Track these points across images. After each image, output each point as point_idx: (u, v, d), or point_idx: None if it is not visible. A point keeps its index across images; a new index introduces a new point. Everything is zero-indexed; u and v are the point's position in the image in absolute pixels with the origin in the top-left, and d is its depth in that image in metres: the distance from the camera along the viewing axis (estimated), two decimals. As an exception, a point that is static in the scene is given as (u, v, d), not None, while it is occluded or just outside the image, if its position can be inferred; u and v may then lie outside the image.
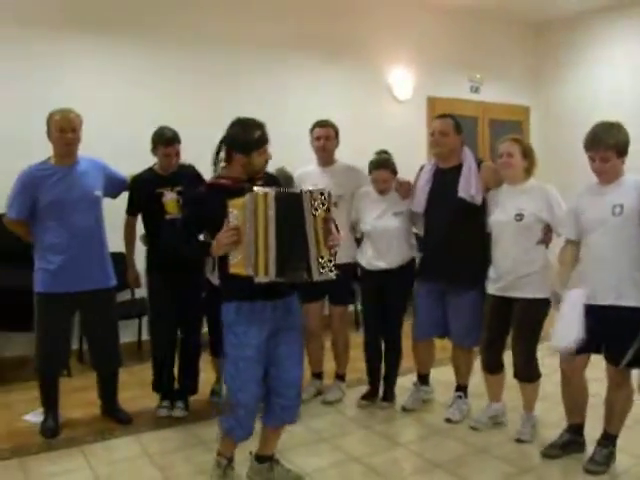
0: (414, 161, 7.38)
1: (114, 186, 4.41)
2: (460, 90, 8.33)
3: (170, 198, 4.31)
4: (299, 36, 6.99)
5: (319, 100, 7.10)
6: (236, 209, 2.99)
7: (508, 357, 4.13)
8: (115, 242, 4.52)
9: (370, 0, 7.48)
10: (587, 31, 8.35)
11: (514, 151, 3.96)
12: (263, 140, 3.32)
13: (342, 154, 5.02)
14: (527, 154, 3.98)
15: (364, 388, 4.83)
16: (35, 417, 4.38)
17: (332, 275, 3.05)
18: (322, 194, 3.02)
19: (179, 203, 4.28)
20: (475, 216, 4.16)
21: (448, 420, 4.41)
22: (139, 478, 3.65)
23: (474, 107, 8.36)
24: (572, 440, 3.83)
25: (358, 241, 4.82)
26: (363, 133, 6.92)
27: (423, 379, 4.76)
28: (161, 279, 4.47)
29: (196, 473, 3.70)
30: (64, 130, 4.01)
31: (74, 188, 4.08)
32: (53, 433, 4.17)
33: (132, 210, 4.53)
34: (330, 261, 3.04)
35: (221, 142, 3.36)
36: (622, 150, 3.45)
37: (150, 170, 4.48)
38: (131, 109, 5.94)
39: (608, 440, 3.66)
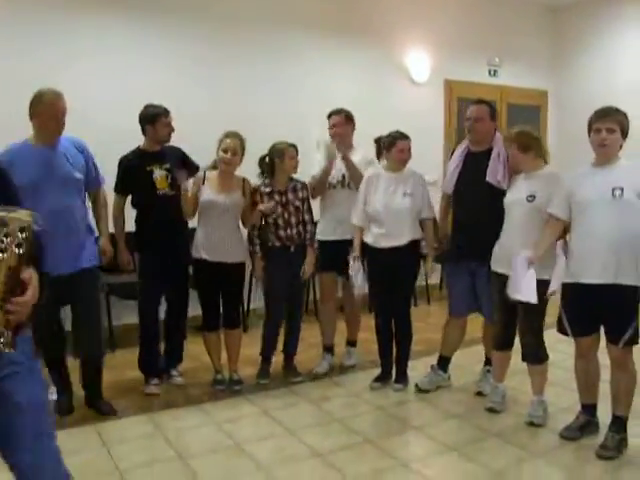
0: (431, 144, 7.47)
1: (88, 180, 4.18)
2: (478, 73, 8.26)
3: (160, 175, 4.55)
4: (315, 17, 6.94)
5: (335, 82, 7.08)
6: None
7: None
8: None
9: (388, -19, 7.41)
10: (607, 14, 8.21)
11: (512, 150, 4.03)
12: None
13: (359, 137, 5.01)
14: (527, 148, 3.98)
15: (377, 371, 4.85)
16: (49, 396, 4.40)
17: (5, 350, 1.94)
18: (22, 230, 1.89)
19: (168, 179, 4.56)
20: (502, 199, 4.17)
21: (479, 393, 4.54)
22: (153, 456, 3.66)
23: (492, 90, 8.27)
24: (588, 422, 3.87)
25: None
26: (380, 116, 6.88)
27: (443, 364, 4.75)
28: (151, 258, 4.60)
29: (209, 451, 3.72)
30: (52, 118, 3.83)
31: (53, 170, 3.90)
32: (67, 411, 4.20)
33: (122, 190, 4.62)
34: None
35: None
36: (625, 131, 3.56)
37: (137, 149, 4.66)
38: (140, 91, 5.88)
39: (619, 425, 3.66)
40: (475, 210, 4.29)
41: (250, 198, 4.60)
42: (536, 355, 4.05)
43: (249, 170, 4.69)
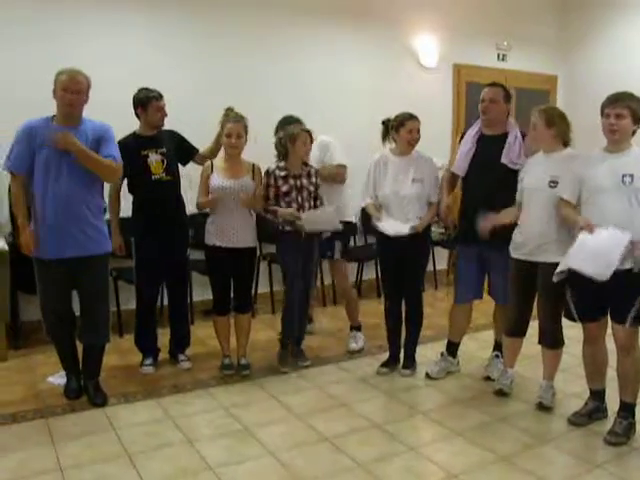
0: (440, 128, 7.44)
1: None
2: (487, 58, 8.19)
3: (155, 159, 4.55)
4: (324, 1, 6.89)
5: (344, 67, 7.06)
6: None
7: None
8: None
9: (397, -35, 7.36)
10: (618, -2, 8.13)
11: (537, 122, 3.97)
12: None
13: (366, 121, 4.99)
14: (551, 123, 3.94)
15: (384, 356, 4.86)
16: (59, 379, 4.42)
17: None
18: None
19: (163, 164, 4.56)
20: (514, 183, 4.16)
21: (487, 378, 4.56)
22: (163, 440, 3.67)
23: (501, 75, 8.17)
24: (597, 407, 3.88)
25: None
26: (389, 100, 6.83)
27: (451, 349, 4.75)
28: (146, 243, 4.60)
29: (218, 436, 3.73)
30: (67, 89, 3.84)
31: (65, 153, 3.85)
32: (76, 394, 4.21)
33: None
34: None
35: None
36: (636, 117, 3.52)
37: (133, 134, 4.63)
38: (148, 75, 5.85)
39: (627, 410, 3.67)
40: (487, 194, 4.26)
41: (261, 182, 4.60)
42: (554, 340, 4.05)
43: (259, 155, 4.68)
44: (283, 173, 4.61)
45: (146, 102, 4.53)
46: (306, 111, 5.54)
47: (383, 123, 4.68)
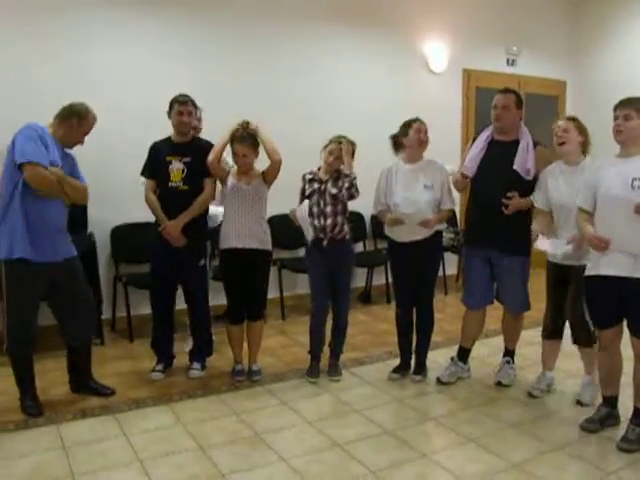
0: (449, 133, 7.45)
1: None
2: (496, 63, 8.19)
3: (177, 167, 4.55)
4: (333, 7, 6.91)
5: (353, 72, 7.08)
6: None
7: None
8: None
9: (406, -31, 7.36)
10: (628, 3, 8.08)
11: (569, 127, 4.04)
12: None
13: (376, 126, 4.99)
14: (582, 130, 4.05)
15: (395, 362, 4.85)
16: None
17: None
18: None
19: (183, 173, 4.55)
20: (524, 189, 4.21)
21: (499, 384, 4.55)
22: (174, 446, 3.67)
23: (510, 80, 8.16)
24: (609, 414, 3.86)
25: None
26: (398, 105, 6.84)
27: (463, 355, 4.74)
28: (163, 246, 4.57)
29: (230, 442, 3.73)
30: (86, 133, 4.10)
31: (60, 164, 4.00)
32: (39, 412, 4.07)
33: (148, 173, 4.65)
34: None
35: None
36: None
37: (167, 139, 4.67)
38: (159, 78, 5.93)
39: None
40: (496, 199, 4.24)
41: (273, 175, 4.60)
42: (588, 336, 4.08)
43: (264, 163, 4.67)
44: (310, 176, 4.64)
45: (171, 105, 4.57)
46: (314, 119, 5.57)
47: (391, 138, 4.63)
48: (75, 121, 4.02)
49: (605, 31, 8.39)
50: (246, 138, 4.46)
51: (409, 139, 4.51)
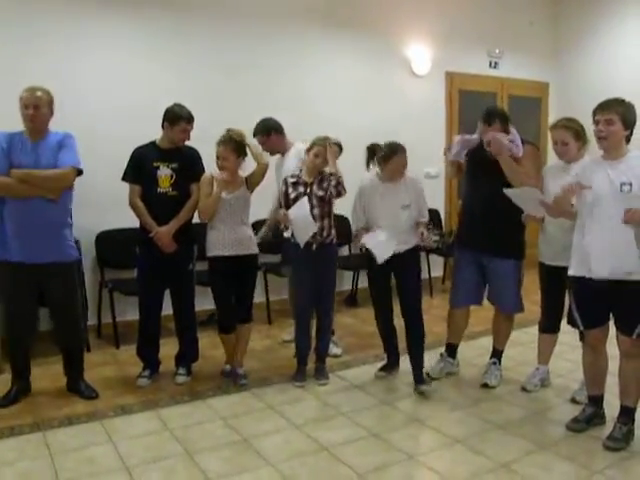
0: (432, 136, 7.47)
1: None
2: (479, 65, 8.23)
3: (165, 173, 4.53)
4: (316, 10, 6.92)
5: (337, 75, 7.09)
6: None
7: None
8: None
9: (388, -27, 7.38)
10: (608, 6, 8.16)
11: (568, 138, 4.07)
12: None
13: (360, 129, 5.00)
14: (579, 136, 4.08)
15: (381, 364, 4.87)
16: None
17: None
18: None
19: (172, 179, 4.54)
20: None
21: (485, 385, 4.56)
22: (162, 452, 3.66)
23: (493, 83, 8.28)
24: (595, 413, 3.88)
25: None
26: (381, 108, 6.88)
27: (451, 351, 4.80)
28: (148, 254, 4.58)
29: (217, 447, 3.71)
30: (27, 106, 4.03)
31: (33, 163, 4.04)
32: (11, 402, 4.27)
33: (128, 178, 4.59)
34: None
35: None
36: (627, 122, 3.51)
37: (152, 143, 4.64)
38: (144, 81, 5.95)
39: (627, 416, 3.66)
40: (488, 200, 4.27)
41: (256, 181, 4.60)
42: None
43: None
44: (293, 180, 4.62)
45: (175, 121, 4.52)
46: (301, 120, 5.57)
47: (368, 149, 4.51)
48: (19, 106, 4.07)
49: (586, 33, 8.47)
50: (228, 142, 4.44)
51: (391, 167, 4.40)
